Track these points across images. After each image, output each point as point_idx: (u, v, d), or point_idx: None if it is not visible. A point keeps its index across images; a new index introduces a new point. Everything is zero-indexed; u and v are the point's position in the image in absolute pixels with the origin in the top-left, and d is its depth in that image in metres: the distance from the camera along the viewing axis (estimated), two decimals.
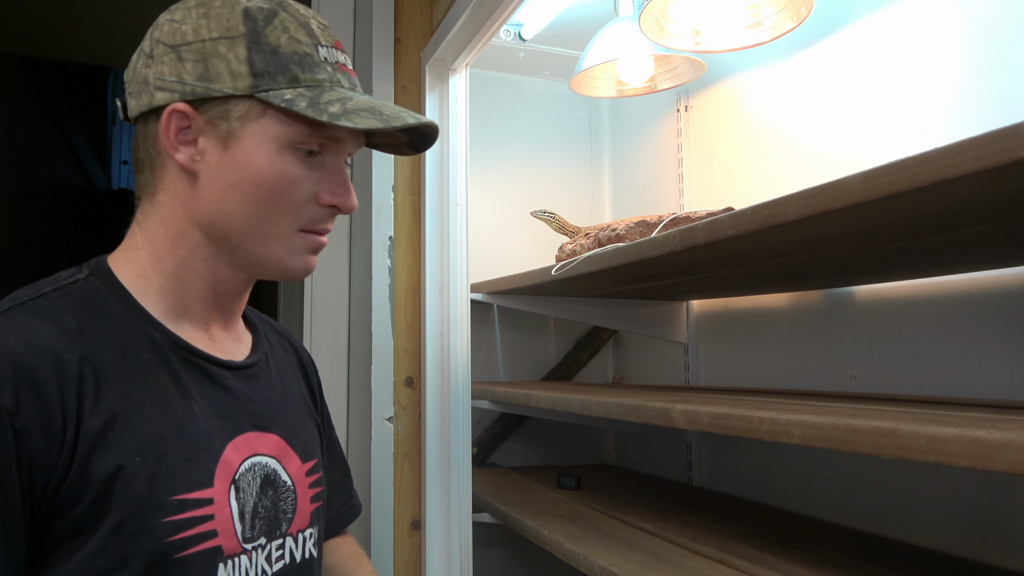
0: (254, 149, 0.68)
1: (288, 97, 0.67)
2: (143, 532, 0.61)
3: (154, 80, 0.68)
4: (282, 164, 0.68)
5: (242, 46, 0.67)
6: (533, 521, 1.34)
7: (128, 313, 0.68)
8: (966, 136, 0.58)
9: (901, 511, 1.17)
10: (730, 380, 1.62)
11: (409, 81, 1.51)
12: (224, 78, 0.67)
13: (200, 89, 0.67)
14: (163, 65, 0.68)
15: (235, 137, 0.68)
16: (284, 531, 0.73)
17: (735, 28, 1.36)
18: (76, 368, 0.61)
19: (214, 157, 0.68)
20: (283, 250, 0.71)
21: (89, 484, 0.60)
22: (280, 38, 0.68)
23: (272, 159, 0.68)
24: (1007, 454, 0.53)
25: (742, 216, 0.83)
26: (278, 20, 0.69)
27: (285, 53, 0.68)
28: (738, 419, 0.81)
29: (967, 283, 1.09)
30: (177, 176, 0.70)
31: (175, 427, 0.66)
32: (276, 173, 0.68)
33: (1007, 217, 0.73)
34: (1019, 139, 0.54)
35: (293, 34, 0.69)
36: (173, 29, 0.69)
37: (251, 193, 0.68)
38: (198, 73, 0.67)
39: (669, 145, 1.82)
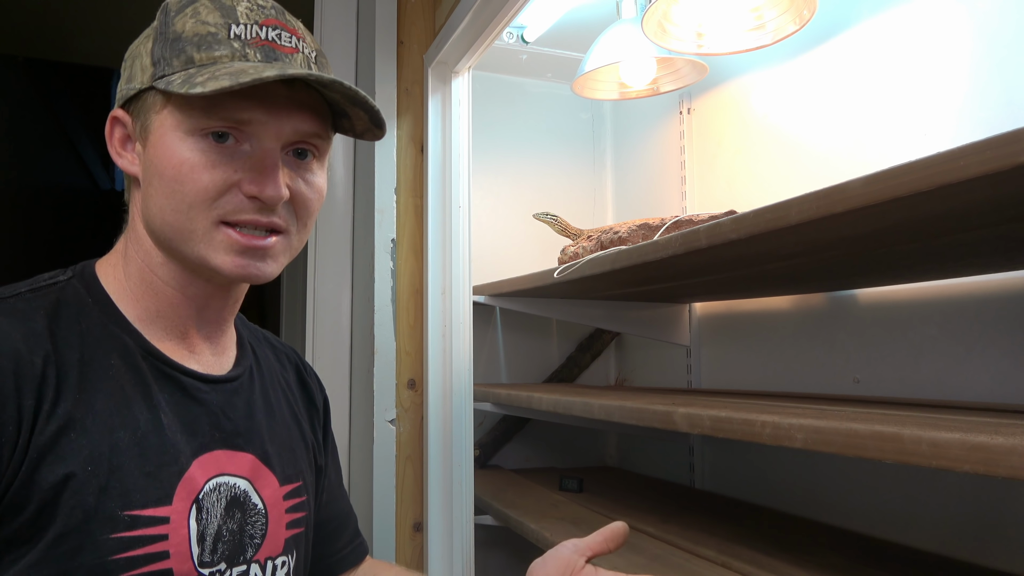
0: (160, 140, 0.65)
1: (171, 78, 0.63)
2: (86, 547, 0.58)
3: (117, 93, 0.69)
4: (184, 151, 0.64)
5: (151, 40, 0.67)
6: (535, 524, 1.34)
7: (103, 318, 0.66)
8: (970, 139, 0.58)
9: (903, 514, 1.17)
10: (732, 382, 1.61)
11: (412, 83, 1.51)
12: (137, 75, 0.67)
13: (124, 90, 0.67)
14: (121, 78, 0.69)
15: (148, 131, 0.66)
16: (249, 557, 0.69)
17: (738, 31, 1.36)
18: (39, 370, 0.59)
19: (144, 155, 0.67)
20: (203, 247, 0.66)
21: (35, 491, 0.57)
22: (186, 24, 0.65)
23: (173, 147, 0.64)
24: (1010, 459, 0.53)
25: (744, 220, 0.83)
26: (191, 8, 0.66)
27: (186, 37, 0.65)
28: (740, 423, 0.81)
29: (970, 286, 1.09)
30: (130, 184, 0.70)
31: (136, 438, 0.62)
32: (176, 161, 0.64)
33: (1010, 221, 0.73)
34: (1020, 144, 0.54)
35: (203, 17, 0.66)
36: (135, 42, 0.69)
37: (161, 186, 0.65)
38: (126, 76, 0.67)
39: (672, 147, 1.82)
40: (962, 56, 1.09)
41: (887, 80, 1.22)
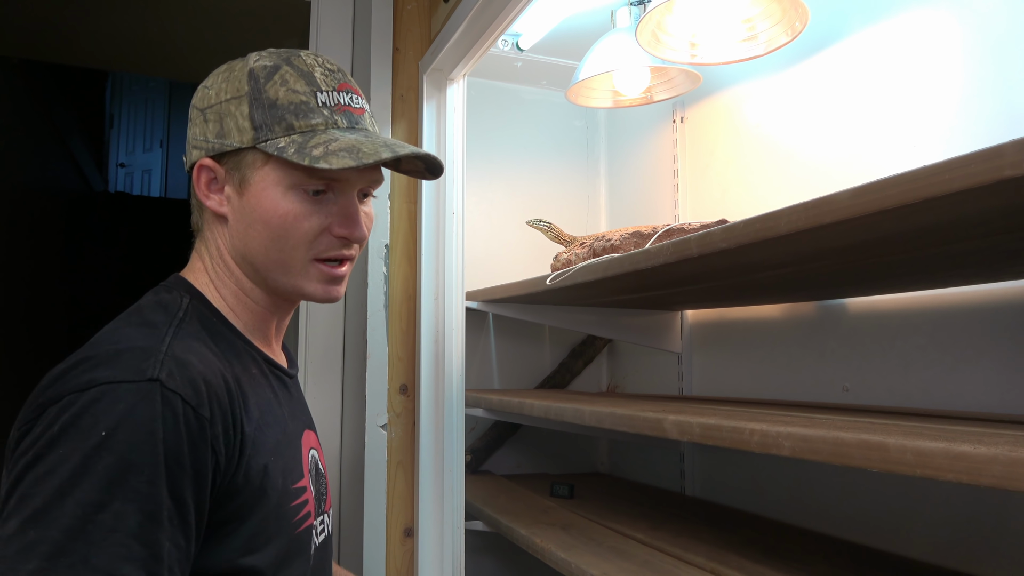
0: (262, 193, 0.77)
1: (281, 145, 0.76)
2: (282, 517, 0.74)
3: (191, 140, 0.80)
4: (287, 204, 0.77)
5: (246, 104, 0.78)
6: (526, 529, 1.34)
7: (231, 335, 0.79)
8: (961, 150, 0.59)
9: (891, 522, 1.18)
10: (723, 390, 1.62)
11: (407, 90, 1.52)
12: (233, 133, 0.77)
13: (218, 145, 0.78)
14: (196, 127, 0.80)
15: (247, 183, 0.78)
16: (324, 509, 0.87)
17: (731, 41, 1.37)
18: (232, 383, 0.72)
19: (236, 202, 0.79)
20: (300, 279, 0.80)
21: (248, 481, 0.70)
22: (279, 92, 0.77)
23: (278, 200, 0.77)
24: (992, 469, 0.54)
25: (735, 229, 0.84)
26: (279, 75, 0.78)
27: (282, 105, 0.77)
28: (729, 430, 0.82)
29: (958, 297, 1.10)
30: (212, 219, 0.82)
31: (281, 429, 0.78)
32: (281, 212, 0.77)
33: (996, 234, 0.74)
34: (1005, 159, 0.55)
35: (292, 86, 0.78)
36: (204, 95, 0.80)
37: (264, 231, 0.78)
38: (216, 131, 0.78)
39: (665, 156, 1.83)
40: (953, 68, 1.11)
41: (878, 91, 1.24)
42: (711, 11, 1.35)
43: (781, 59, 1.44)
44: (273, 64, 0.79)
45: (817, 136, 1.36)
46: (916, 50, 1.17)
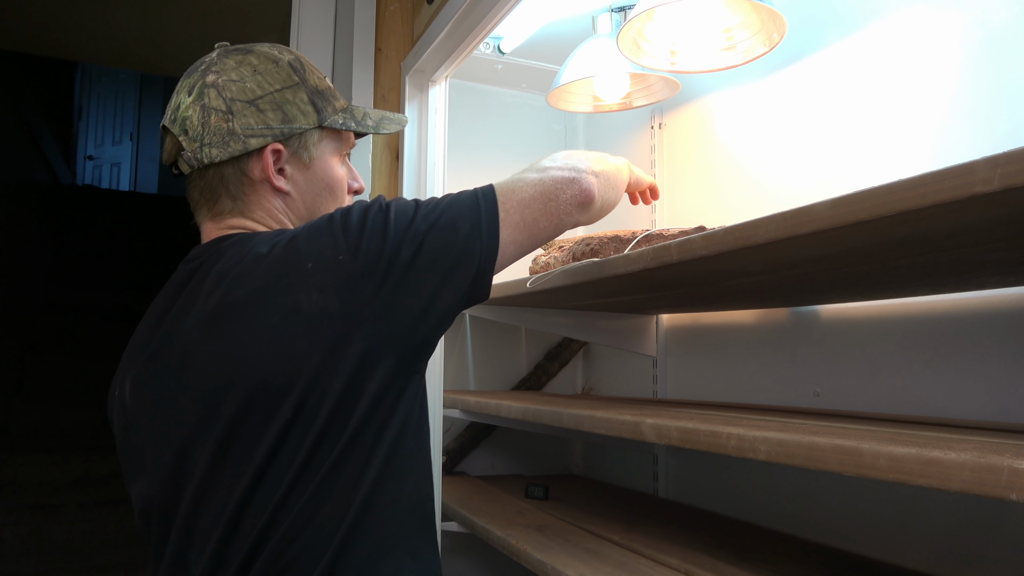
0: (325, 164, 0.92)
1: (341, 121, 0.92)
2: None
3: (242, 130, 0.86)
4: (339, 170, 0.95)
5: (302, 91, 0.90)
6: (501, 531, 1.35)
7: None
8: (932, 163, 0.61)
9: (861, 525, 1.21)
10: (697, 393, 1.65)
11: (388, 91, 1.52)
12: (299, 118, 0.89)
13: (286, 129, 0.88)
14: (248, 118, 0.86)
15: (313, 158, 0.91)
16: None
17: (710, 50, 1.39)
18: None
19: (299, 177, 0.91)
20: None
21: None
22: (313, 79, 0.92)
23: (335, 168, 0.94)
24: (961, 474, 0.56)
25: (714, 237, 0.85)
26: (306, 66, 0.92)
27: (322, 90, 0.92)
28: (707, 434, 0.83)
29: (926, 306, 1.13)
30: (269, 195, 0.89)
31: None
32: (338, 176, 0.94)
33: (964, 246, 0.77)
34: (976, 175, 0.57)
35: (318, 75, 0.93)
36: (241, 89, 0.87)
37: (328, 195, 0.93)
38: (279, 118, 0.88)
39: (643, 161, 1.85)
40: (929, 83, 1.14)
41: (852, 103, 1.27)
42: (691, 20, 1.37)
43: (758, 69, 1.47)
44: (295, 56, 0.92)
45: (792, 145, 1.39)
46: (891, 63, 1.20)
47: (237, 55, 0.89)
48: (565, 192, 0.90)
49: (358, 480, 0.76)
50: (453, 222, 0.81)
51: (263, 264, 0.78)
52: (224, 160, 0.86)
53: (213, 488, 0.75)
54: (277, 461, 0.74)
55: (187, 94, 0.87)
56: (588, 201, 0.91)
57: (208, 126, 0.85)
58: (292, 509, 0.74)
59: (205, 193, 0.89)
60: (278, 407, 0.74)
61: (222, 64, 0.88)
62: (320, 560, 0.74)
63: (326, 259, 0.77)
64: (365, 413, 0.76)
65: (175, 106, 0.88)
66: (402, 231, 0.79)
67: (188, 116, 0.86)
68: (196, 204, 0.91)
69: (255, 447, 0.74)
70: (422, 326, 0.79)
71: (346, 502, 0.75)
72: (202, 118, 0.85)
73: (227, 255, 0.82)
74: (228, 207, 0.89)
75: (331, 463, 0.75)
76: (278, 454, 0.74)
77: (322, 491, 0.74)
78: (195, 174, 0.89)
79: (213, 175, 0.88)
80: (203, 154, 0.86)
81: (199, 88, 0.86)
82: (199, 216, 0.91)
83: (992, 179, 0.55)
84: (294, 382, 0.74)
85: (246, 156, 0.86)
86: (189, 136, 0.86)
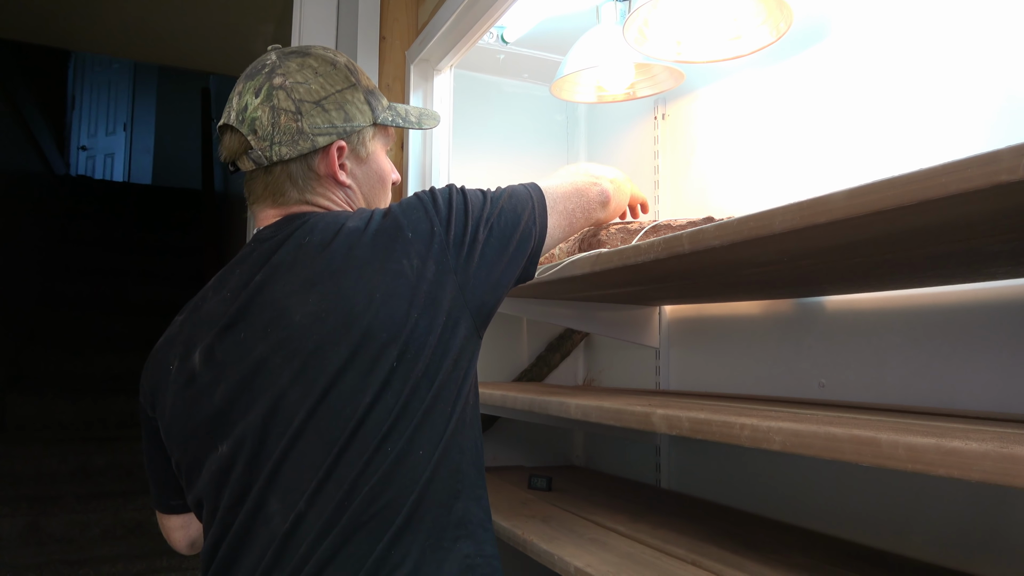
0: (379, 158, 1.02)
1: (390, 119, 1.02)
2: None
3: (310, 129, 0.93)
4: (388, 163, 1.05)
5: (358, 91, 0.98)
6: (506, 522, 1.35)
7: None
8: (945, 154, 0.60)
9: (866, 515, 1.21)
10: (700, 385, 1.65)
11: (393, 80, 1.51)
12: (358, 117, 0.97)
13: (348, 128, 0.96)
14: (315, 117, 0.93)
15: (369, 153, 1.01)
16: None
17: (715, 40, 1.38)
18: None
19: (358, 170, 1.00)
20: None
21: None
22: (366, 81, 1.01)
23: (386, 161, 1.04)
24: (983, 464, 0.56)
25: (728, 227, 0.85)
26: (357, 68, 1.01)
27: (371, 90, 1.01)
28: (719, 425, 0.83)
29: (933, 296, 1.13)
30: (333, 188, 0.98)
31: None
32: (388, 168, 1.05)
33: (980, 236, 0.76)
34: (1001, 164, 0.56)
35: (366, 75, 1.02)
36: (308, 91, 0.94)
37: (381, 187, 1.03)
38: (342, 117, 0.96)
39: (645, 152, 1.84)
40: (940, 69, 1.13)
41: (861, 92, 1.26)
42: (697, 9, 1.37)
43: (765, 59, 1.46)
44: (347, 59, 1.01)
45: (797, 136, 1.39)
46: (901, 51, 1.19)
47: (297, 58, 0.96)
48: (592, 190, 1.12)
49: (443, 428, 0.87)
50: (515, 209, 0.96)
51: (365, 234, 0.89)
52: (293, 157, 0.94)
53: (309, 438, 0.83)
54: (378, 407, 0.83)
55: (253, 95, 0.94)
56: (607, 200, 1.14)
57: (278, 126, 0.92)
58: (389, 453, 0.83)
59: (271, 187, 0.96)
60: (383, 356, 0.83)
61: (285, 67, 0.95)
62: (407, 502, 0.83)
63: (423, 230, 0.89)
64: (449, 366, 0.87)
65: (241, 107, 0.94)
66: (479, 213, 0.93)
67: (257, 116, 0.93)
68: (258, 197, 0.98)
69: (358, 395, 0.83)
70: (490, 296, 0.93)
71: (432, 447, 0.85)
72: (272, 118, 0.92)
73: (317, 229, 0.91)
74: (294, 197, 0.96)
75: (424, 410, 0.85)
76: (379, 401, 0.83)
77: (415, 437, 0.84)
78: (259, 171, 0.96)
79: (280, 171, 0.95)
80: (273, 152, 0.93)
81: (267, 90, 0.93)
82: (259, 206, 0.99)
83: (1017, 168, 0.55)
84: (398, 333, 0.84)
85: (313, 153, 0.94)
86: (259, 136, 0.93)
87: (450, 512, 0.87)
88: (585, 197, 1.10)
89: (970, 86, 1.08)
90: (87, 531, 3.34)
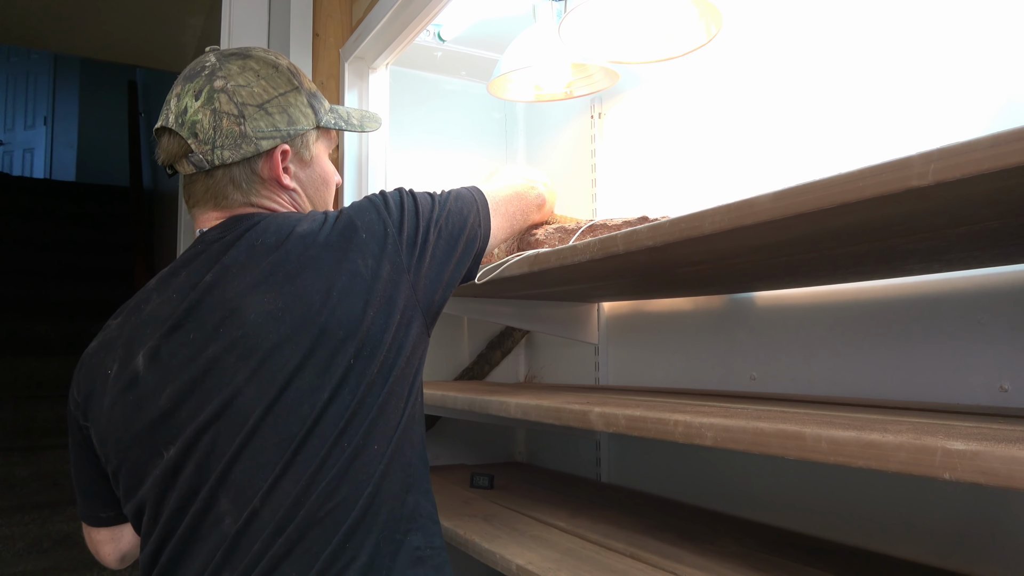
0: (322, 161, 1.03)
1: (333, 121, 1.02)
2: None
3: (254, 133, 0.92)
4: (330, 167, 1.05)
5: (301, 94, 0.98)
6: (448, 522, 1.35)
7: None
8: (862, 156, 0.63)
9: (798, 503, 1.26)
10: (638, 379, 1.68)
11: (327, 77, 1.48)
12: (301, 120, 0.97)
13: (292, 131, 0.96)
14: (258, 121, 0.93)
15: (312, 156, 1.01)
16: None
17: (649, 41, 1.41)
18: None
19: (302, 173, 1.00)
20: None
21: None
22: (305, 83, 1.00)
23: (327, 165, 1.04)
24: (898, 455, 0.59)
25: (661, 228, 0.87)
26: (299, 71, 1.00)
27: (313, 92, 1.01)
28: (654, 422, 0.85)
29: (855, 292, 1.18)
30: (276, 192, 0.98)
31: None
32: (331, 171, 1.05)
33: (896, 236, 0.80)
34: (912, 169, 0.59)
35: (307, 77, 1.02)
36: (250, 94, 0.93)
37: (325, 190, 1.04)
38: (286, 120, 0.95)
39: (583, 150, 1.86)
40: (865, 74, 1.18)
41: (787, 96, 1.30)
42: (631, 11, 1.39)
43: (696, 61, 1.50)
44: (289, 61, 1.00)
45: (728, 136, 1.42)
46: (827, 55, 1.23)
47: (237, 60, 0.95)
48: (530, 194, 1.19)
49: (396, 423, 0.89)
50: (461, 212, 1.00)
51: (320, 235, 0.89)
52: (236, 161, 0.93)
53: (265, 436, 0.83)
54: (335, 404, 0.84)
55: (194, 98, 0.92)
56: (543, 203, 1.23)
57: (220, 129, 0.91)
58: (346, 449, 0.84)
59: (212, 191, 0.95)
60: (340, 353, 0.85)
61: (226, 69, 0.93)
62: (362, 497, 0.85)
63: (377, 231, 0.91)
64: (402, 363, 0.90)
65: (181, 109, 0.92)
66: (429, 215, 0.95)
67: (198, 120, 0.91)
68: (198, 200, 0.96)
69: (316, 392, 0.84)
70: (440, 295, 0.96)
71: (386, 443, 0.88)
72: (213, 122, 0.91)
73: (270, 230, 0.91)
74: (238, 200, 0.96)
75: (378, 406, 0.87)
76: (336, 397, 0.84)
77: (371, 433, 0.86)
78: (199, 174, 0.94)
79: (222, 175, 0.94)
80: (215, 156, 0.92)
81: (208, 92, 0.92)
82: (199, 209, 0.97)
83: (926, 173, 0.58)
84: (355, 331, 0.85)
85: (256, 157, 0.94)
86: (200, 139, 0.91)
87: (403, 505, 0.90)
88: (524, 200, 1.16)
89: (892, 86, 1.12)
90: (11, 545, 3.18)
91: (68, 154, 7.83)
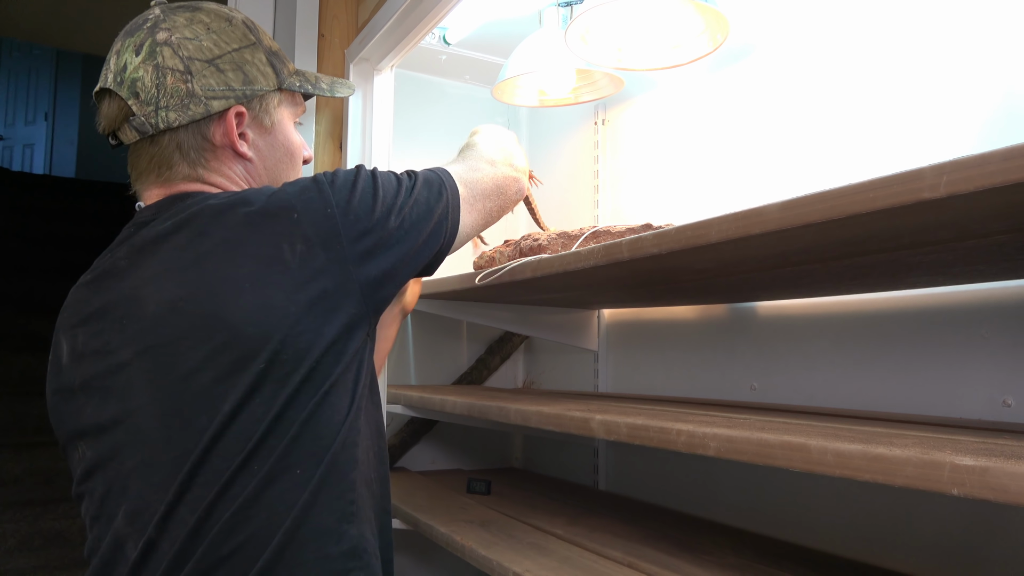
0: (285, 128, 0.91)
1: (298, 84, 0.91)
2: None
3: (203, 92, 0.81)
4: (295, 134, 0.93)
5: (260, 51, 0.87)
6: (445, 527, 1.34)
7: None
8: (873, 166, 0.63)
9: (797, 515, 1.25)
10: (637, 387, 1.67)
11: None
12: (260, 80, 0.86)
13: (248, 91, 0.85)
14: (208, 78, 0.82)
15: (274, 122, 0.89)
16: None
17: (655, 48, 1.41)
18: None
19: (261, 141, 0.88)
20: None
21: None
22: (268, 41, 0.89)
23: (293, 132, 0.93)
24: (905, 470, 0.58)
25: (667, 235, 0.86)
26: (257, 27, 0.89)
27: (275, 51, 0.90)
28: (656, 431, 0.84)
29: (858, 303, 1.18)
30: (231, 161, 0.86)
31: None
32: (296, 142, 0.93)
33: (903, 248, 0.80)
34: (924, 181, 0.59)
35: (269, 36, 0.90)
36: (198, 47, 0.81)
37: (288, 161, 0.92)
38: (241, 79, 0.84)
39: (586, 157, 1.86)
40: (871, 82, 1.18)
41: (790, 105, 1.30)
42: (637, 18, 1.38)
43: (702, 69, 1.49)
44: (246, 16, 0.89)
45: (733, 145, 1.42)
46: (833, 64, 1.23)
47: (185, 12, 0.83)
48: (511, 188, 1.05)
49: (330, 440, 0.74)
50: (428, 202, 0.87)
51: (238, 214, 0.75)
52: (183, 124, 0.81)
53: (157, 451, 0.71)
54: (242, 417, 0.70)
55: (134, 53, 0.80)
56: (522, 196, 1.10)
57: (164, 87, 0.79)
58: (256, 473, 0.70)
59: (156, 159, 0.83)
60: (251, 356, 0.70)
61: (171, 21, 0.81)
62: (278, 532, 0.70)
63: (315, 212, 0.76)
64: (341, 369, 0.76)
65: (119, 67, 0.81)
66: (391, 200, 0.82)
67: (139, 77, 0.79)
68: (141, 172, 0.85)
69: (216, 402, 0.70)
70: (389, 291, 0.83)
71: (314, 464, 0.73)
72: (156, 79, 0.79)
73: (201, 208, 0.78)
74: (183, 172, 0.84)
75: (302, 421, 0.72)
76: (244, 409, 0.70)
77: (291, 453, 0.72)
78: (144, 142, 0.83)
79: (168, 141, 0.82)
80: (158, 118, 0.80)
81: (149, 46, 0.80)
82: (142, 183, 0.86)
83: (938, 186, 0.57)
84: (272, 330, 0.71)
85: (207, 120, 0.82)
86: (141, 99, 0.80)
87: (339, 541, 0.74)
88: (505, 195, 1.02)
89: (898, 95, 1.12)
90: (2, 542, 3.16)
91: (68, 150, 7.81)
